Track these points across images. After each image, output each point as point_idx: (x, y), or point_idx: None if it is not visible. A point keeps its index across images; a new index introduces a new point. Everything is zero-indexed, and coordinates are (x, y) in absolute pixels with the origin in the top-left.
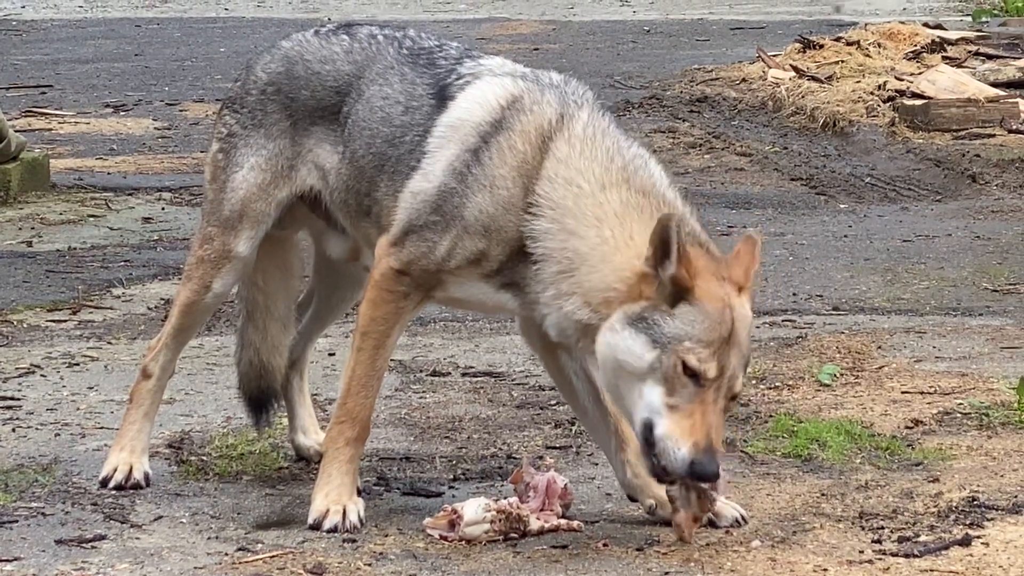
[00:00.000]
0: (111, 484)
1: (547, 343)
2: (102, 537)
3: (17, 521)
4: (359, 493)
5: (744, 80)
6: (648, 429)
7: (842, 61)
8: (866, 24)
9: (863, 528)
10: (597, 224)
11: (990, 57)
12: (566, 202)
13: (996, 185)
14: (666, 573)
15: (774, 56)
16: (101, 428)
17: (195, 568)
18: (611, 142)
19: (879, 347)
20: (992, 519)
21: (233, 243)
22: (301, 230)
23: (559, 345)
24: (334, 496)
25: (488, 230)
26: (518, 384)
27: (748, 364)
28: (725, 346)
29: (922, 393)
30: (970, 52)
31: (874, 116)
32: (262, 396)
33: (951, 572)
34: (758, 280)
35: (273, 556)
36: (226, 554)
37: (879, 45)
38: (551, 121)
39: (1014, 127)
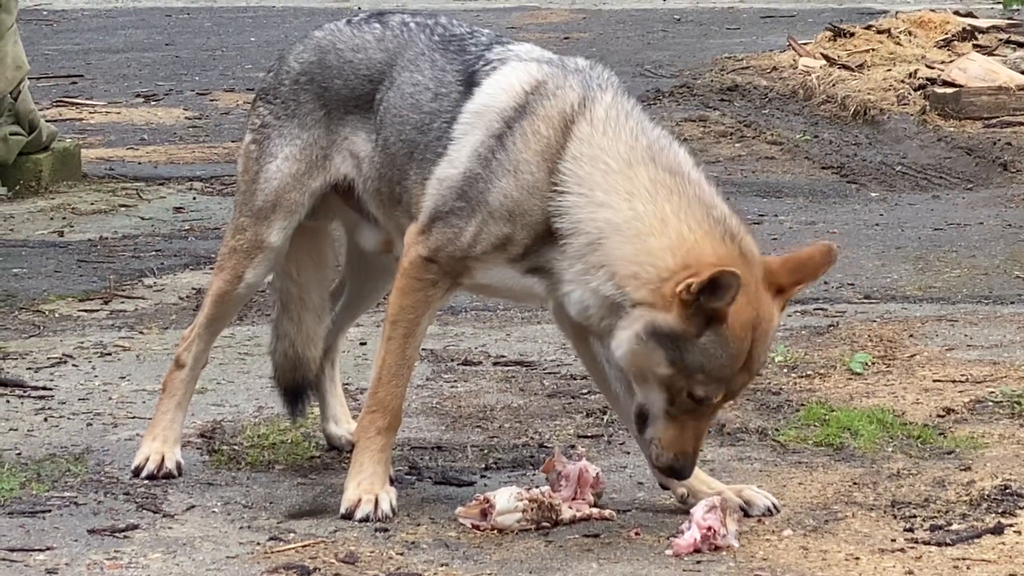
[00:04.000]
0: (143, 474)
1: (579, 329)
2: (134, 527)
3: (50, 511)
4: (391, 482)
5: (775, 69)
6: (642, 418)
7: (873, 49)
8: (897, 12)
9: (895, 517)
10: (628, 198)
11: (1021, 45)
12: (594, 177)
13: None
14: (698, 562)
15: (805, 45)
16: (133, 418)
17: (227, 557)
18: (634, 123)
19: (911, 335)
20: None
21: (266, 233)
22: (334, 221)
23: (590, 331)
24: (366, 485)
25: (513, 215)
26: (549, 373)
27: (761, 369)
28: (737, 375)
29: (954, 381)
30: (1001, 40)
31: (905, 104)
32: (297, 387)
33: (983, 560)
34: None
35: (305, 545)
36: (258, 543)
37: (910, 33)
38: (574, 105)
39: None
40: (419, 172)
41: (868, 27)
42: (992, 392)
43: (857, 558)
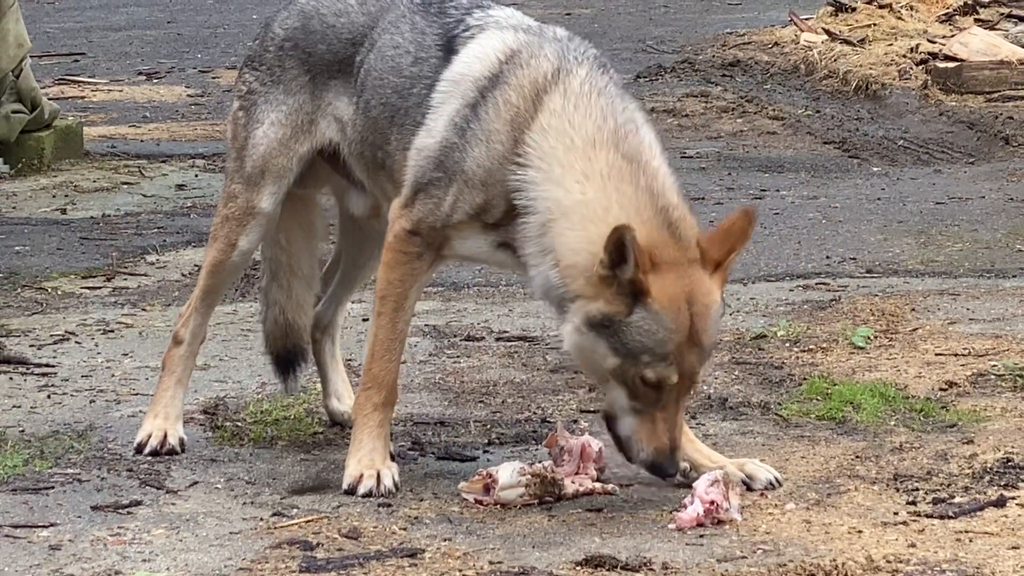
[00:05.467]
0: (146, 450)
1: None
2: (138, 503)
3: (53, 487)
4: (392, 458)
5: (776, 44)
6: (611, 421)
7: (874, 24)
8: None
9: (898, 490)
10: (582, 180)
11: (1023, 19)
12: (556, 152)
13: None
14: (700, 536)
15: (806, 20)
16: (136, 394)
17: (231, 533)
18: (606, 102)
19: (912, 309)
20: None
21: (256, 199)
22: (323, 188)
23: None
24: (367, 461)
25: (485, 184)
26: (552, 348)
27: (712, 352)
28: (684, 349)
29: (956, 355)
30: (1003, 14)
31: (907, 79)
32: (288, 355)
33: (986, 533)
34: (741, 257)
35: (308, 521)
36: (261, 519)
37: (911, 8)
38: (547, 75)
39: None
40: (399, 139)
41: (869, 2)
42: (994, 365)
43: (860, 531)
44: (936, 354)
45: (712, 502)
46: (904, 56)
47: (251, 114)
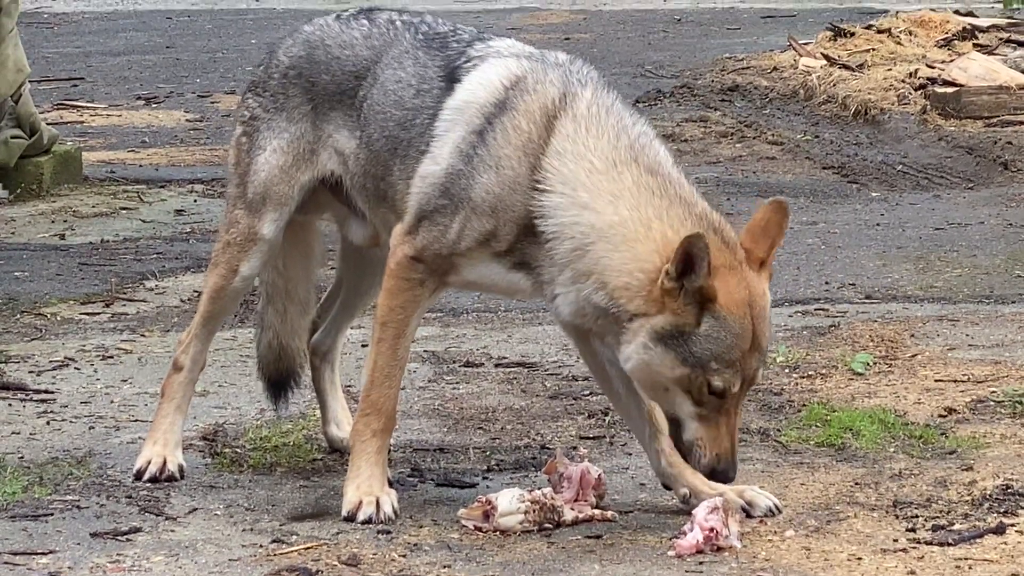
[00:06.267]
0: (145, 477)
1: (581, 328)
2: (137, 530)
3: (52, 514)
4: (390, 484)
5: (775, 69)
6: (677, 428)
7: (873, 49)
8: (897, 12)
9: (897, 517)
10: (613, 201)
11: (1022, 44)
12: (578, 177)
13: None
14: (700, 563)
15: (805, 44)
16: (135, 421)
17: (230, 560)
18: (615, 120)
19: (912, 335)
20: None
21: (258, 225)
22: (323, 216)
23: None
24: (365, 488)
25: (495, 210)
26: (551, 374)
27: (769, 347)
28: (747, 356)
29: (955, 381)
30: (1001, 39)
31: (906, 104)
32: (281, 378)
33: (985, 560)
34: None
35: (308, 548)
36: (261, 546)
37: (910, 33)
38: (555, 100)
39: None
40: (403, 169)
41: (868, 27)
42: (994, 392)
43: (859, 558)
44: (935, 380)
45: (712, 529)
46: (903, 81)
47: (254, 140)
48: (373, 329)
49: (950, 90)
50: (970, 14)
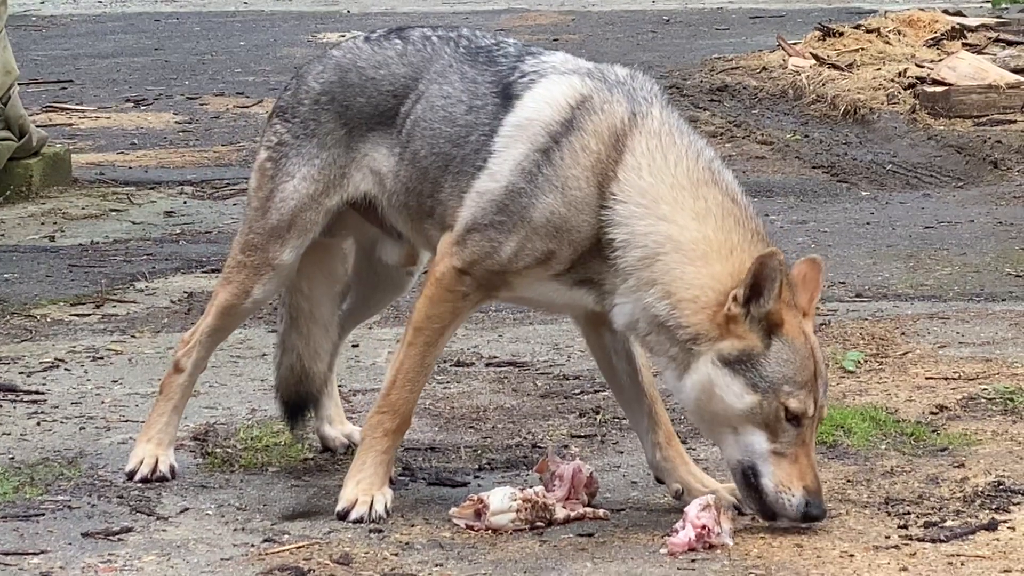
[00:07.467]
0: (137, 477)
1: (592, 320)
2: (128, 530)
3: (43, 514)
4: (391, 483)
5: (764, 69)
6: (752, 474)
7: (862, 49)
8: (886, 11)
9: (889, 514)
10: (697, 218)
11: (1010, 43)
12: (658, 190)
13: (1018, 171)
14: (692, 561)
15: (794, 44)
16: (126, 421)
17: (221, 559)
18: (689, 140)
19: (903, 333)
20: (1018, 503)
21: (279, 252)
22: (350, 237)
23: (605, 323)
24: (364, 485)
25: (559, 231)
26: (542, 374)
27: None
28: (815, 381)
29: (946, 379)
30: (990, 38)
31: (895, 103)
32: (301, 401)
33: (977, 557)
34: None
35: (299, 547)
36: (252, 545)
37: (899, 32)
38: (623, 120)
39: None
40: (455, 185)
41: (857, 26)
42: (984, 389)
43: (852, 555)
44: (926, 378)
45: (704, 527)
46: (892, 80)
47: (280, 166)
48: (405, 331)
49: (939, 89)
50: (959, 13)
